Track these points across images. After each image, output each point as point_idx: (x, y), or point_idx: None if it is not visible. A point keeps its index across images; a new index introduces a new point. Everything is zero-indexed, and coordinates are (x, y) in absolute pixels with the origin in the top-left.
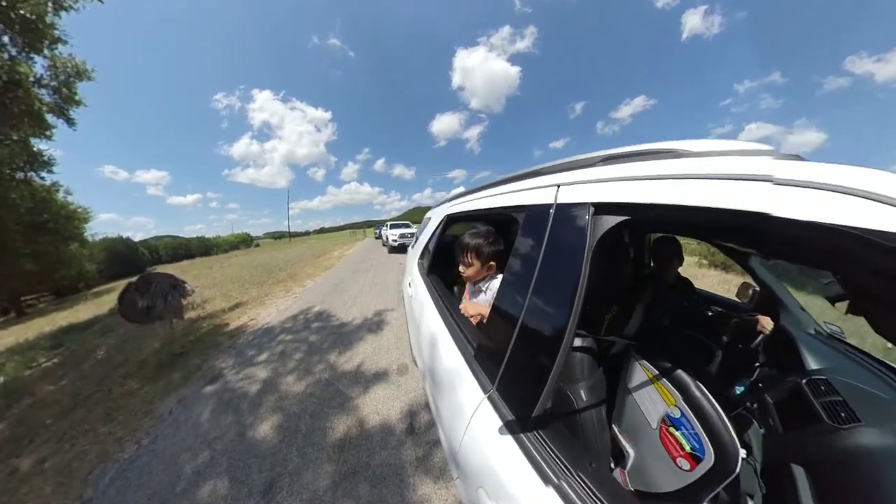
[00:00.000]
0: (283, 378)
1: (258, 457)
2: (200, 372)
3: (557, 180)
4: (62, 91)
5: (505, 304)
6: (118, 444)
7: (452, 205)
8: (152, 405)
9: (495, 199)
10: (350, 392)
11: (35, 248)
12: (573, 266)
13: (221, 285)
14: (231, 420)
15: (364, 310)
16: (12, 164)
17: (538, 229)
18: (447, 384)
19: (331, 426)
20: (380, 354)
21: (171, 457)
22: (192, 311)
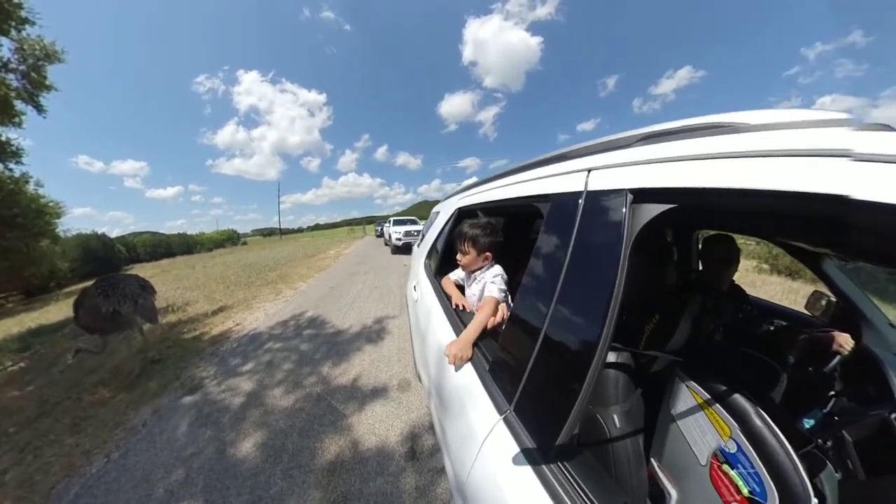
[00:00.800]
0: (270, 391)
1: (238, 478)
2: (179, 381)
3: (588, 164)
4: (31, 76)
5: (525, 310)
6: (86, 457)
7: (464, 196)
8: (125, 416)
9: (514, 188)
10: (344, 409)
11: (2, 243)
12: (608, 265)
13: (205, 286)
14: (210, 435)
15: (362, 316)
16: None
17: (565, 222)
18: (456, 403)
19: (321, 446)
20: (379, 367)
21: (143, 473)
22: (172, 314)
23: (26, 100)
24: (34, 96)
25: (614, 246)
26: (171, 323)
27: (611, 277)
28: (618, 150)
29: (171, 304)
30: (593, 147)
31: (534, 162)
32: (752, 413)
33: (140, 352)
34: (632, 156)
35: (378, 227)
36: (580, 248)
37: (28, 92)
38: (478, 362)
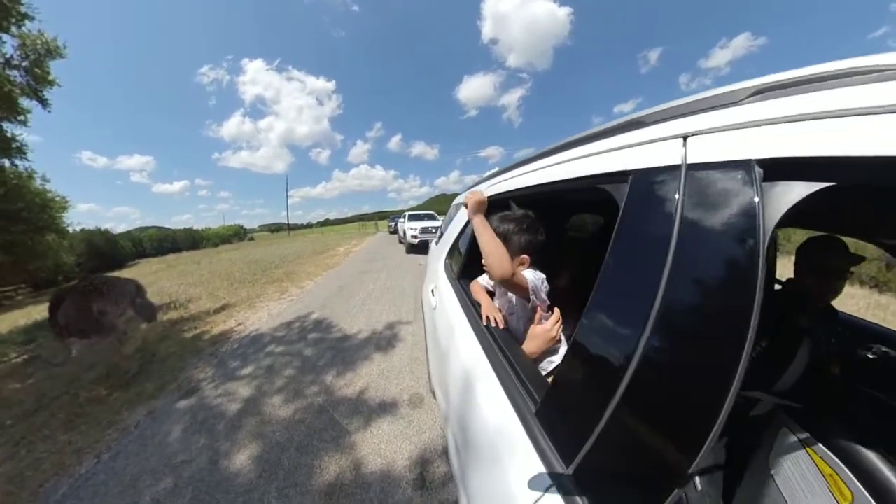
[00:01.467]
0: (269, 398)
1: (229, 492)
2: (176, 383)
3: (682, 128)
4: (34, 71)
5: (599, 337)
6: (76, 455)
7: (493, 184)
8: (119, 415)
9: (563, 168)
10: (348, 424)
11: (7, 237)
12: (735, 271)
13: (208, 283)
14: (203, 443)
15: (373, 321)
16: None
17: (656, 209)
18: (487, 450)
19: (320, 465)
20: (388, 379)
21: (131, 479)
22: (174, 311)
23: (30, 95)
24: (38, 91)
25: (742, 243)
26: (172, 320)
27: (743, 289)
28: (723, 109)
29: (173, 301)
30: (683, 107)
31: (592, 133)
32: (893, 480)
33: (139, 349)
34: (749, 114)
35: (391, 222)
36: (687, 246)
37: (31, 87)
38: (520, 402)
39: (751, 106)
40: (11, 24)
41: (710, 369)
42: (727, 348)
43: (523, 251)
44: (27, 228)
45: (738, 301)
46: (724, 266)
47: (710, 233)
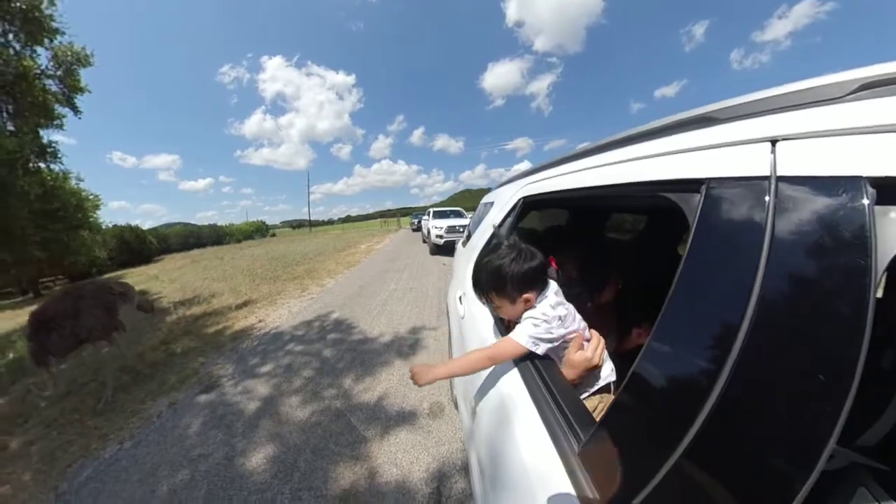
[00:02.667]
0: (287, 398)
1: (243, 490)
2: (197, 377)
3: (769, 129)
4: (66, 80)
5: (666, 372)
6: (101, 440)
7: (532, 181)
8: (142, 405)
9: (615, 169)
10: (365, 430)
11: (45, 234)
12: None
13: (231, 279)
14: (221, 439)
15: (394, 323)
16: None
17: (736, 228)
18: (520, 483)
19: (335, 470)
20: (409, 387)
21: (151, 467)
22: (197, 305)
23: (63, 103)
24: (70, 99)
25: (847, 281)
26: (195, 315)
27: (847, 339)
28: (822, 107)
29: (197, 296)
30: (772, 101)
31: (652, 129)
32: None
33: (163, 342)
34: (853, 116)
35: (414, 219)
36: (777, 279)
37: (65, 95)
38: (561, 436)
39: (856, 105)
40: (44, 37)
41: (803, 424)
42: (825, 401)
43: (524, 288)
44: (64, 226)
45: (842, 352)
46: (824, 305)
47: (807, 262)
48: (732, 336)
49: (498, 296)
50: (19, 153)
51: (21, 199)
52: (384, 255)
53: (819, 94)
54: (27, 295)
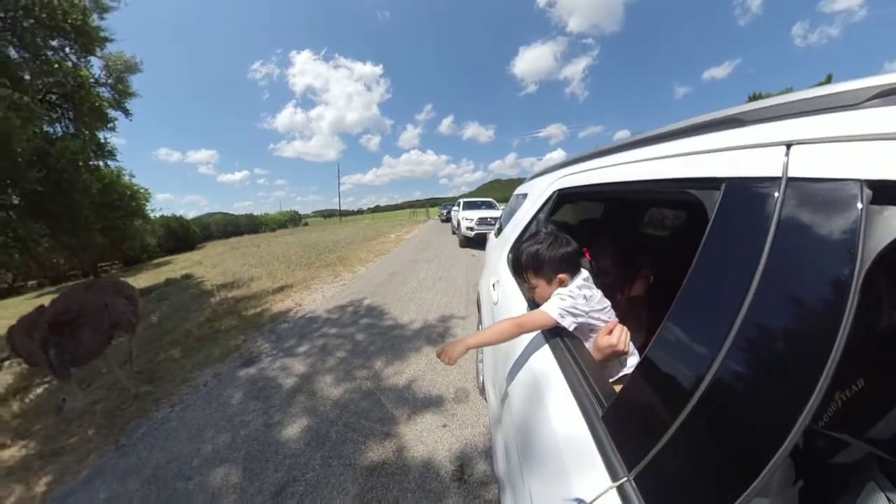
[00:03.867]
0: (321, 376)
1: (278, 454)
2: (239, 352)
3: (786, 133)
4: (117, 87)
5: (676, 348)
6: (155, 404)
7: (565, 174)
8: (190, 374)
9: (646, 166)
10: (393, 409)
11: (105, 223)
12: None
13: (268, 264)
14: (260, 408)
15: (424, 311)
16: (84, 154)
17: (747, 223)
18: (552, 458)
19: (364, 442)
20: (436, 372)
21: (197, 429)
22: (237, 289)
23: (115, 107)
24: (121, 103)
25: (835, 271)
26: (236, 297)
27: (827, 321)
28: (837, 113)
29: (237, 280)
30: (793, 105)
31: (681, 129)
32: None
33: (208, 320)
34: (865, 122)
35: (444, 210)
36: (777, 268)
37: (116, 100)
38: (588, 406)
39: (870, 112)
40: (96, 48)
41: (781, 399)
42: (801, 381)
43: (559, 270)
44: (120, 216)
45: (821, 333)
46: (812, 293)
47: (802, 256)
48: (733, 319)
49: (535, 276)
50: (81, 153)
51: (84, 193)
52: (413, 244)
53: (837, 100)
54: (88, 277)
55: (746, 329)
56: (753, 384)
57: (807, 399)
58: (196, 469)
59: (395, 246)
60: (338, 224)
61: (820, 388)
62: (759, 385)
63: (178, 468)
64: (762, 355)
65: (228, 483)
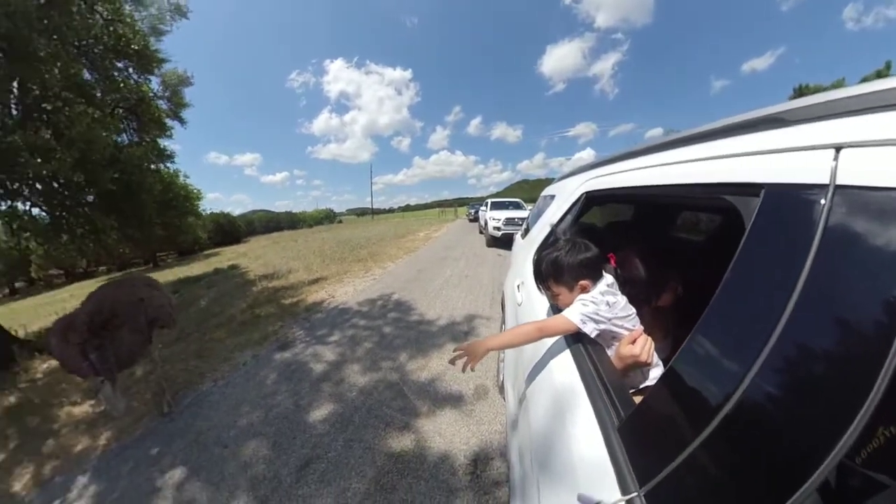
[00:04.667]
0: (349, 365)
1: (305, 432)
2: (276, 337)
3: (834, 135)
4: (173, 99)
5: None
6: (200, 377)
7: (594, 176)
8: (232, 354)
9: (678, 169)
10: (415, 401)
11: (164, 219)
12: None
13: (305, 258)
14: (291, 389)
15: (450, 309)
16: (147, 159)
17: (788, 235)
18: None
19: (385, 429)
20: (458, 369)
21: (235, 404)
22: (277, 280)
23: (171, 117)
24: (177, 113)
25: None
26: (275, 287)
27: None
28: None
29: (276, 271)
30: (844, 103)
31: (717, 129)
32: None
33: (250, 307)
34: None
35: (471, 209)
36: (818, 288)
37: (172, 111)
38: (605, 416)
39: None
40: (154, 67)
41: (815, 427)
42: (840, 409)
43: (579, 277)
44: (176, 213)
45: (866, 358)
46: (859, 314)
47: (849, 273)
48: (767, 337)
49: (556, 283)
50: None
51: (148, 193)
52: (441, 242)
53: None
54: (148, 265)
55: (782, 347)
56: (785, 407)
57: (844, 430)
58: (232, 438)
59: (423, 244)
60: (370, 222)
61: (860, 420)
62: (791, 409)
63: (216, 436)
64: (798, 377)
65: (259, 454)
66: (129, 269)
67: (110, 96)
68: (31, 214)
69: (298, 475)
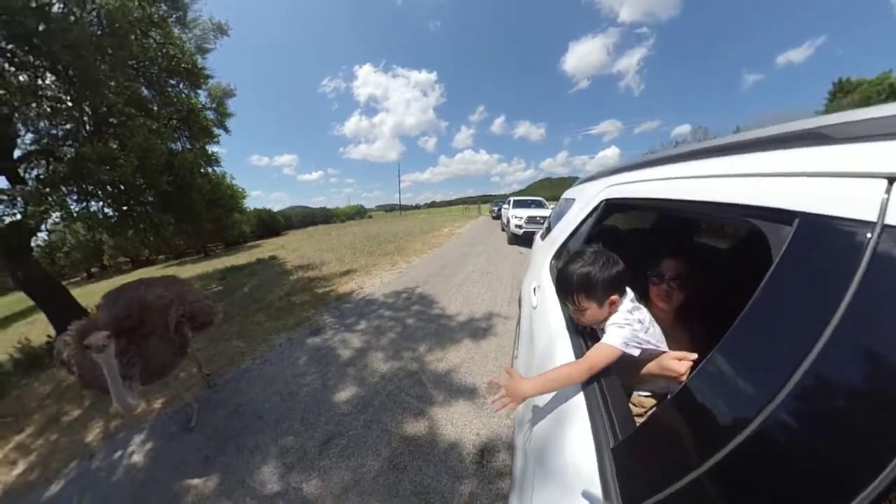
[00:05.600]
0: (373, 352)
1: (329, 411)
2: (308, 323)
3: (886, 161)
4: (219, 109)
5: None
6: (241, 355)
7: (615, 183)
8: (269, 336)
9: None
10: (431, 390)
11: (212, 215)
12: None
13: (337, 251)
14: (320, 371)
15: (470, 304)
16: (196, 163)
17: (822, 272)
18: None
19: (401, 414)
20: (474, 363)
21: (270, 380)
22: (311, 270)
23: (217, 125)
24: (222, 122)
25: None
26: (309, 277)
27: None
28: None
29: (311, 262)
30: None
31: (745, 142)
32: None
33: (287, 294)
34: None
35: (494, 207)
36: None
37: (218, 120)
38: (601, 432)
39: None
40: (202, 82)
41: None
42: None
43: (610, 291)
44: (223, 210)
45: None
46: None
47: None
48: (790, 374)
49: (587, 298)
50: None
51: (199, 193)
52: (465, 238)
53: None
54: (200, 254)
55: (806, 385)
56: (805, 449)
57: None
58: (267, 410)
59: (447, 239)
60: (398, 217)
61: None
62: (813, 448)
63: (253, 408)
64: (821, 418)
65: (289, 427)
66: (184, 258)
67: (165, 109)
68: (103, 213)
69: (321, 448)
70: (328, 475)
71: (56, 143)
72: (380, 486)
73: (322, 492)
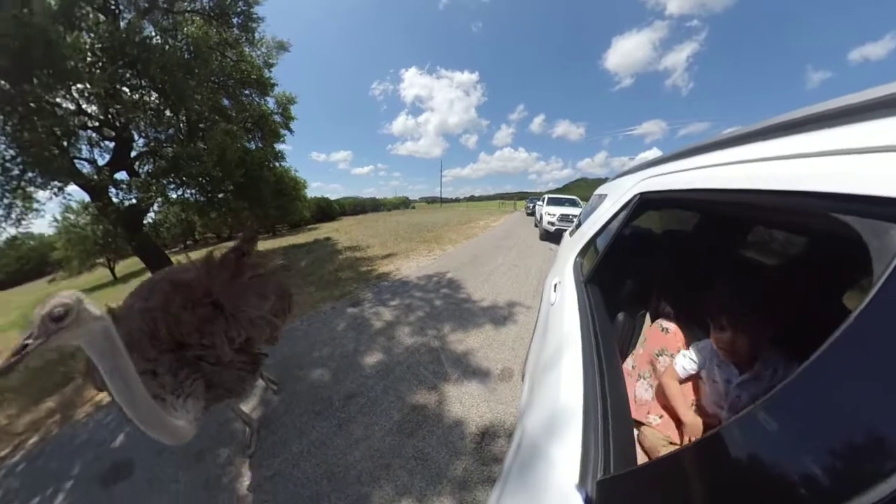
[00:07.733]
0: (401, 327)
1: (355, 372)
2: (350, 296)
3: None
4: (284, 114)
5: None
6: (292, 318)
7: (652, 175)
8: (317, 304)
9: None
10: (448, 368)
11: (278, 203)
12: None
13: (381, 236)
14: (354, 337)
15: (495, 294)
16: (265, 159)
17: None
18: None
19: (417, 385)
20: (491, 349)
21: (312, 340)
22: (358, 251)
23: (283, 127)
24: (287, 124)
25: None
26: (355, 257)
27: None
28: None
29: (358, 245)
30: None
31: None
32: None
33: (335, 270)
34: None
35: (529, 203)
36: None
37: (284, 122)
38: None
39: None
40: (269, 91)
41: None
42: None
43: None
44: (287, 199)
45: None
46: None
47: None
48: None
49: (734, 324)
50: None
51: (266, 185)
52: (498, 232)
53: None
54: (269, 234)
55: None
56: None
57: None
58: (306, 365)
59: (482, 231)
60: (438, 209)
61: None
62: None
63: (295, 362)
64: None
65: (322, 380)
66: None
67: (241, 115)
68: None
69: (344, 402)
70: (346, 426)
71: (160, 144)
72: (386, 444)
73: (339, 440)
